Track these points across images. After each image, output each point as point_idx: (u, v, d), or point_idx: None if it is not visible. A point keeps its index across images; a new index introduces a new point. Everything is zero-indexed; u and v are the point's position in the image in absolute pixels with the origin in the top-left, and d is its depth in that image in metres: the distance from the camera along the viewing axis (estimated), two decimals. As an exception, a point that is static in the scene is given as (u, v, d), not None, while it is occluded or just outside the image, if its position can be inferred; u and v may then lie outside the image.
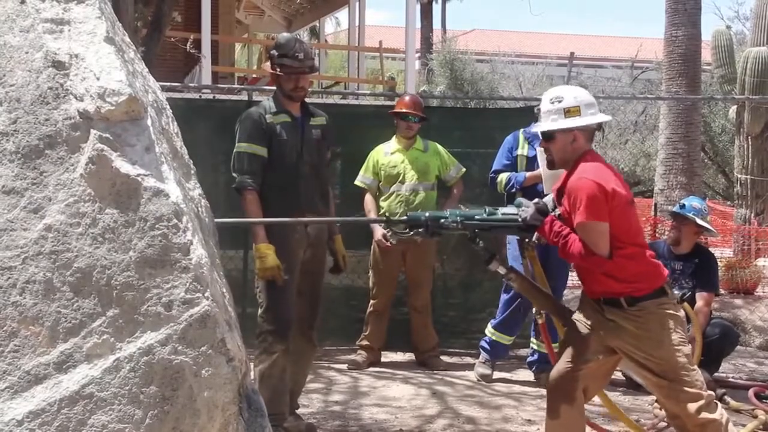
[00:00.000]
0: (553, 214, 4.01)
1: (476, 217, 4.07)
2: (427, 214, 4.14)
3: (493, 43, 27.12)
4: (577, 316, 4.07)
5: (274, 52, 4.96)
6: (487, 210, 4.09)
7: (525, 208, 3.99)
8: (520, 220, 3.99)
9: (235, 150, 4.98)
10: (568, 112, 3.99)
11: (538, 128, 4.11)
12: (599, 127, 4.18)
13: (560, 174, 4.11)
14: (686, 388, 3.84)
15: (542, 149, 4.26)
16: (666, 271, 4.03)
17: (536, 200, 4.07)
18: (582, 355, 3.97)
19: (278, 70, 4.93)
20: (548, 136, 4.04)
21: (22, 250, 2.73)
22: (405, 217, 4.34)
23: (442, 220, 4.07)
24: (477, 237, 4.08)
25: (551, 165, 4.17)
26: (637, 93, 19.64)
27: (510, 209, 4.07)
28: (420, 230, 4.13)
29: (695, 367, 3.94)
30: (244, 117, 5.03)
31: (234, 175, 4.96)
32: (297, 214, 4.83)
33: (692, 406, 3.82)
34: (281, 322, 4.83)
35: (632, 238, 3.90)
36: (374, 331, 6.93)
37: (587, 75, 24.47)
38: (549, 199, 4.16)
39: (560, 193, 4.03)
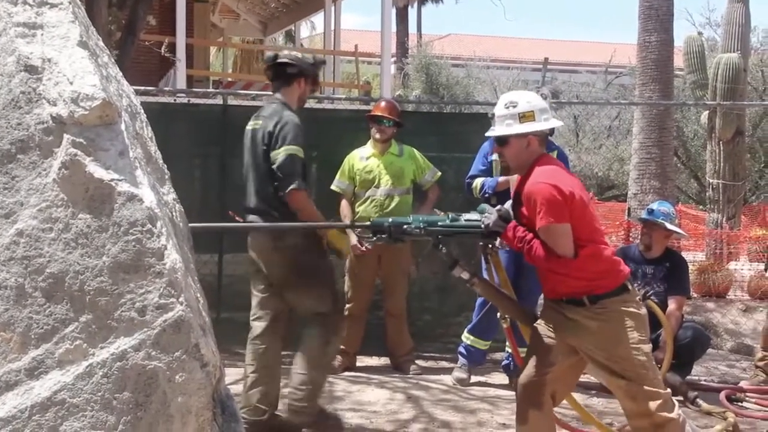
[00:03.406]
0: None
1: (439, 223, 4.12)
2: (390, 220, 4.20)
3: (469, 47, 27.18)
4: (539, 322, 4.10)
5: (314, 64, 5.24)
6: (450, 216, 4.14)
7: (488, 215, 4.03)
8: (482, 226, 4.02)
9: (286, 153, 4.90)
10: (523, 117, 4.02)
11: (492, 133, 4.13)
12: (552, 131, 4.22)
13: None
14: (645, 387, 3.87)
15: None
16: (627, 269, 4.06)
17: (498, 207, 4.11)
18: (546, 358, 4.00)
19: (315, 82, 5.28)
20: (503, 141, 4.08)
21: (-7, 256, 2.71)
22: (368, 223, 4.37)
23: (405, 226, 4.12)
24: (440, 243, 4.11)
25: (506, 171, 4.21)
26: (611, 98, 19.79)
27: (473, 215, 4.12)
28: (383, 236, 4.16)
29: (654, 365, 3.98)
30: (289, 121, 4.96)
31: (279, 174, 4.91)
32: None
33: (651, 405, 3.86)
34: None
35: (592, 236, 3.94)
36: (349, 335, 6.91)
37: (562, 80, 24.61)
38: (509, 205, 4.19)
39: (517, 197, 4.06)
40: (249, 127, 5.22)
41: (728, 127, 11.87)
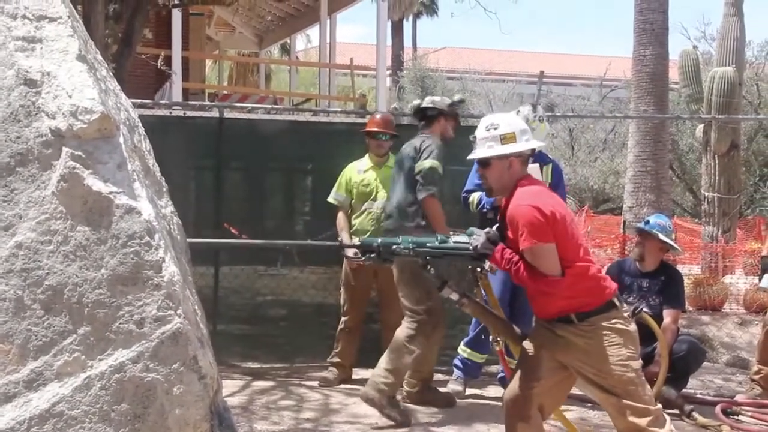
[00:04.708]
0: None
1: (428, 244, 4.16)
2: (379, 240, 4.24)
3: (464, 60, 27.28)
4: (528, 340, 4.12)
5: (451, 104, 6.27)
6: (439, 238, 4.19)
7: (476, 237, 4.06)
8: (471, 248, 4.05)
9: (429, 165, 5.85)
10: (504, 139, 4.05)
11: (474, 155, 4.16)
12: (533, 152, 4.25)
13: None
14: (635, 403, 3.88)
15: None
16: (614, 285, 4.07)
17: (487, 229, 4.12)
18: (534, 373, 4.01)
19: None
20: (485, 163, 4.11)
21: (-8, 268, 2.72)
22: (357, 242, 4.41)
23: (394, 247, 4.15)
24: (428, 264, 4.13)
25: (489, 192, 4.25)
26: (606, 111, 19.84)
27: (462, 238, 4.15)
28: (372, 255, 4.18)
29: (644, 381, 3.99)
30: (433, 142, 5.99)
31: (421, 181, 5.83)
32: None
33: (641, 421, 3.87)
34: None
35: (577, 254, 3.96)
36: (345, 348, 6.92)
37: (557, 93, 24.69)
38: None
39: (503, 219, 4.08)
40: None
41: (723, 140, 11.92)
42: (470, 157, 4.22)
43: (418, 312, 5.85)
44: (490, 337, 4.38)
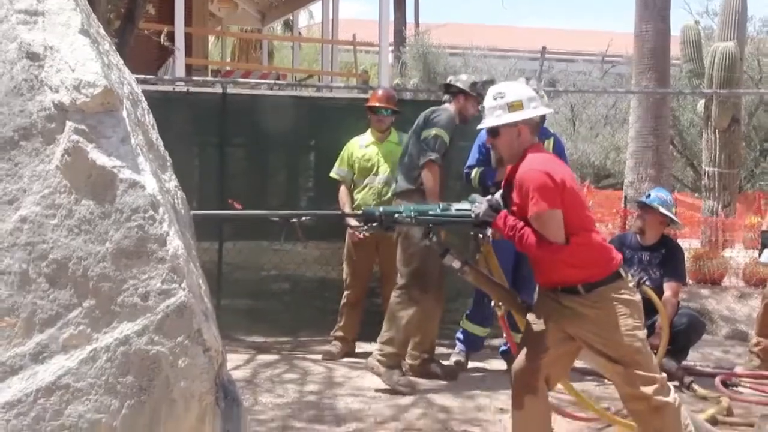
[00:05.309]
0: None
1: (430, 212, 4.15)
2: (381, 209, 4.23)
3: (466, 36, 27.13)
4: (533, 312, 4.14)
5: (472, 85, 6.27)
6: (441, 205, 4.18)
7: (478, 204, 4.06)
8: (473, 216, 4.05)
9: (435, 132, 6.05)
10: (512, 107, 4.05)
11: (483, 125, 4.16)
12: (542, 119, 4.24)
13: None
14: (641, 372, 3.92)
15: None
16: (620, 256, 4.09)
17: (489, 196, 4.13)
18: (540, 345, 4.03)
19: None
20: (494, 132, 4.10)
21: (-3, 242, 2.73)
22: (359, 212, 4.40)
23: (396, 215, 4.14)
24: (431, 232, 4.14)
25: (500, 162, 4.25)
26: (608, 87, 19.79)
27: (464, 205, 4.14)
28: (374, 224, 4.18)
29: (649, 351, 4.02)
30: (444, 112, 6.18)
31: (424, 146, 6.04)
32: None
33: (648, 389, 3.90)
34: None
35: (583, 223, 3.98)
36: (348, 322, 6.97)
37: (559, 69, 24.62)
38: (500, 194, 4.21)
39: (508, 185, 4.08)
40: None
41: (724, 115, 11.91)
42: (479, 126, 4.23)
43: (402, 275, 6.08)
44: (492, 302, 4.39)
